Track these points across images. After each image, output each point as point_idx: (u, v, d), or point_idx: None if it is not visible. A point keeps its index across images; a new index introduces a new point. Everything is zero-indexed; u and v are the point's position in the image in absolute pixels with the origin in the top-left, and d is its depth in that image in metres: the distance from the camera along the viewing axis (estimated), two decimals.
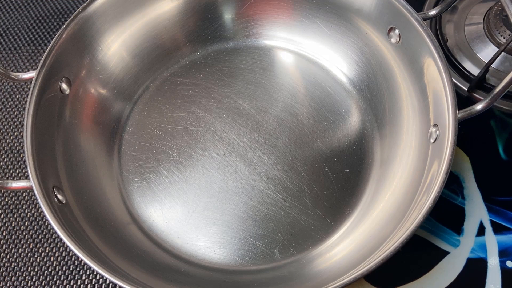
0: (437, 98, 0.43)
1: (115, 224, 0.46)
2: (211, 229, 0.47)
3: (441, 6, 0.49)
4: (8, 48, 0.61)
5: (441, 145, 0.41)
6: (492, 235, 0.47)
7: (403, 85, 0.48)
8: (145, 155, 0.51)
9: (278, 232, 0.46)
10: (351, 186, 0.48)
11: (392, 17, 0.47)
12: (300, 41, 0.55)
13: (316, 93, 0.53)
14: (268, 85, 0.54)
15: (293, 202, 0.48)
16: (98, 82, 0.51)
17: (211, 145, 0.51)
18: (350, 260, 0.42)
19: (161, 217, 0.48)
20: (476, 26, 0.55)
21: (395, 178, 0.46)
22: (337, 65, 0.54)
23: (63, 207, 0.42)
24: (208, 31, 0.56)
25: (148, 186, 0.49)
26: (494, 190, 0.49)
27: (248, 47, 0.56)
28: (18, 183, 0.42)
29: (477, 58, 0.54)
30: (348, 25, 0.52)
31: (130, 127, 0.52)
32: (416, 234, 0.39)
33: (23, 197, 0.52)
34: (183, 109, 0.53)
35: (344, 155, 0.50)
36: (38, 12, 0.63)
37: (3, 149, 0.54)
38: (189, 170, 0.50)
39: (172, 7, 0.54)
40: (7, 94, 0.57)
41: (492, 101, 0.41)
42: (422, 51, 0.45)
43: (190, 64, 0.56)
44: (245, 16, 0.56)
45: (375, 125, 0.51)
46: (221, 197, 0.48)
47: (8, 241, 0.50)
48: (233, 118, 0.52)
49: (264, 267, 0.45)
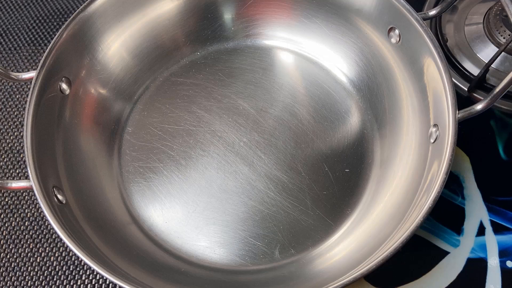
0: (437, 98, 0.43)
1: (115, 224, 0.46)
2: (211, 229, 0.47)
3: (441, 6, 0.49)
4: (8, 48, 0.61)
5: (441, 145, 0.41)
6: (492, 235, 0.47)
7: (403, 85, 0.48)
8: (145, 155, 0.51)
9: (278, 232, 0.46)
10: (351, 186, 0.48)
11: (392, 17, 0.47)
12: (300, 41, 0.55)
13: (316, 93, 0.53)
14: (268, 85, 0.54)
15: (293, 202, 0.48)
16: (98, 82, 0.51)
17: (211, 145, 0.51)
18: (350, 260, 0.42)
19: (161, 217, 0.48)
20: (476, 26, 0.55)
21: (395, 178, 0.46)
22: (337, 65, 0.54)
23: (63, 207, 0.42)
24: (208, 31, 0.56)
25: (148, 186, 0.49)
26: (494, 190, 0.49)
27: (248, 47, 0.56)
28: (18, 183, 0.42)
29: (477, 58, 0.54)
30: (348, 25, 0.52)
31: (130, 127, 0.52)
32: (416, 234, 0.39)
33: (23, 197, 0.52)
34: (183, 109, 0.53)
35: (344, 155, 0.50)
36: (38, 12, 0.63)
37: (3, 149, 0.54)
38: (189, 170, 0.50)
39: (172, 7, 0.54)
40: (7, 94, 0.57)
41: (492, 101, 0.41)
42: (422, 51, 0.45)
43: (190, 64, 0.56)
44: (245, 16, 0.56)
45: (375, 125, 0.51)
46: (221, 197, 0.48)
47: (8, 241, 0.50)
48: (233, 118, 0.52)
49: (264, 267, 0.45)
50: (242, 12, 0.56)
